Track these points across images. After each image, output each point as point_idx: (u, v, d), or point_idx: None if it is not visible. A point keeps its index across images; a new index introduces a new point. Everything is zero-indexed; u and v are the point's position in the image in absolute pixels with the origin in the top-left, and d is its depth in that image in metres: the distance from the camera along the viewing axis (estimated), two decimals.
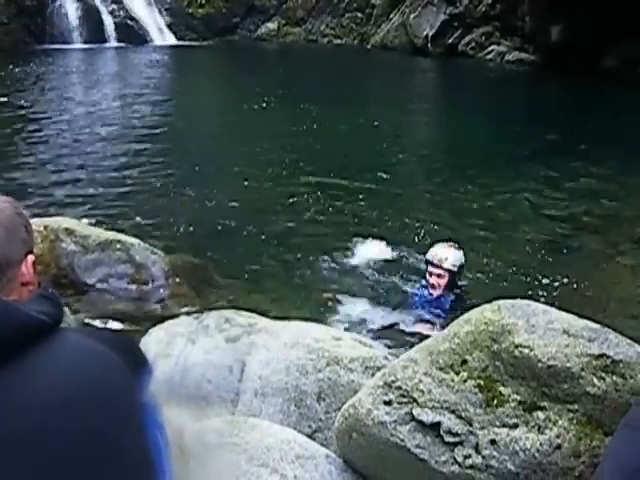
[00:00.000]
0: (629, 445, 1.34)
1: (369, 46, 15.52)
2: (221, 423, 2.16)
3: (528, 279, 4.53)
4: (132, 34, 17.47)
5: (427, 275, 3.93)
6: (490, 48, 13.81)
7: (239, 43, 17.09)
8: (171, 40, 18.05)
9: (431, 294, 3.91)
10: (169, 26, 18.15)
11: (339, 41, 16.10)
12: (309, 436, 2.37)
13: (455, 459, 1.83)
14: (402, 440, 1.88)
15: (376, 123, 9.02)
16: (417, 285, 4.26)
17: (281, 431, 2.21)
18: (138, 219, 5.49)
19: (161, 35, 18.14)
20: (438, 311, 3.87)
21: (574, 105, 10.24)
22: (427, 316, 3.88)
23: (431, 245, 4.02)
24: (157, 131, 8.69)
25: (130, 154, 7.68)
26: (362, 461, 2.05)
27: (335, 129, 8.67)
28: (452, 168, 7.36)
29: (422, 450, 1.86)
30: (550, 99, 10.74)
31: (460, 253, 3.89)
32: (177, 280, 4.21)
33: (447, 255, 3.85)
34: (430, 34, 14.08)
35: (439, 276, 3.86)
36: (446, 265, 3.83)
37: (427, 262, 3.92)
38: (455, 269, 3.86)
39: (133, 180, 6.68)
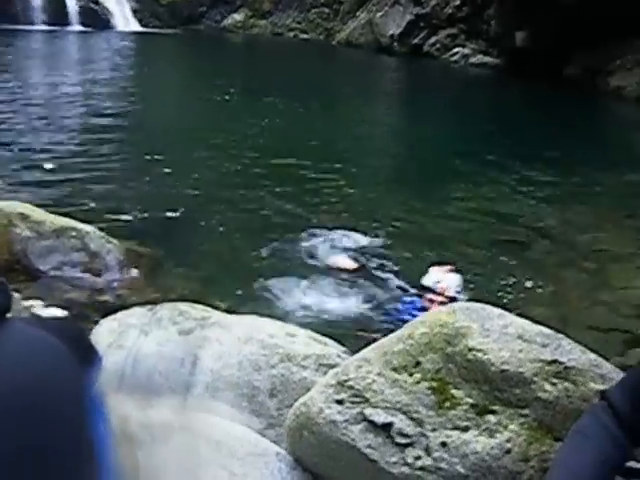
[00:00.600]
0: (579, 453, 1.35)
1: (335, 42, 15.53)
2: (170, 414, 2.12)
3: (486, 282, 4.56)
4: (96, 18, 17.20)
5: (425, 301, 3.74)
6: (455, 50, 13.92)
7: (204, 33, 16.95)
8: (135, 27, 17.81)
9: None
10: (134, 12, 17.91)
11: (305, 36, 16.07)
12: (260, 432, 2.34)
13: (405, 460, 1.82)
14: (353, 440, 1.87)
15: (339, 119, 9.02)
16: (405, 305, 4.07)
17: (231, 427, 2.19)
18: (94, 205, 5.40)
19: (125, 21, 17.89)
20: None
21: (536, 110, 10.37)
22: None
23: (427, 268, 3.84)
24: (116, 117, 8.57)
25: (87, 140, 7.56)
26: (312, 459, 2.03)
27: (298, 123, 8.66)
28: (414, 167, 7.40)
29: (373, 450, 1.85)
30: (512, 103, 10.86)
31: (459, 276, 3.75)
32: (132, 270, 4.15)
33: (449, 283, 3.71)
34: (396, 33, 14.12)
35: (441, 303, 3.62)
36: (450, 293, 3.69)
37: (425, 287, 3.72)
38: (458, 295, 3.71)
39: (90, 166, 6.56)
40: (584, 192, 6.71)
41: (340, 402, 1.91)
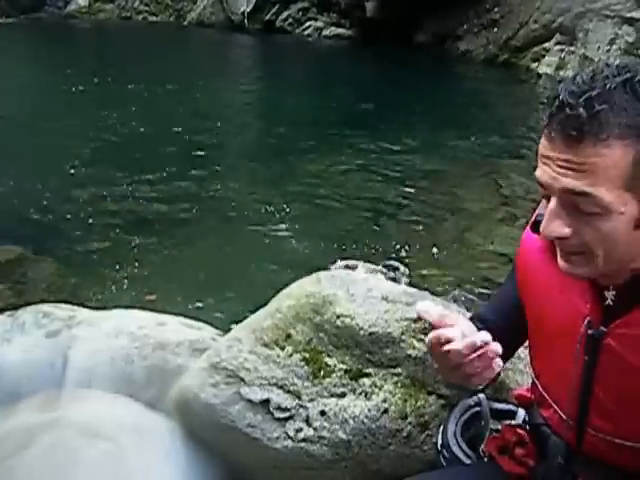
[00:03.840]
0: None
1: (186, 23, 15.18)
2: (36, 416, 2.02)
3: (355, 247, 4.64)
4: None
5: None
6: (307, 24, 13.94)
7: (47, 21, 16.15)
8: None
9: None
10: None
11: (154, 18, 15.61)
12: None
13: (287, 434, 1.83)
14: (233, 421, 1.86)
15: (198, 101, 8.85)
16: None
17: (108, 410, 2.11)
18: None
19: None
20: None
21: (390, 78, 10.57)
22: None
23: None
24: None
25: None
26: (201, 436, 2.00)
27: (156, 109, 8.42)
28: (278, 143, 7.37)
29: (253, 429, 1.84)
30: (366, 73, 11.03)
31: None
32: None
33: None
34: (247, 10, 14.00)
35: None
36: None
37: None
38: None
39: None
40: (442, 154, 6.91)
41: (215, 385, 1.88)
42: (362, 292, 1.76)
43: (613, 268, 1.13)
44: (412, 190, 5.94)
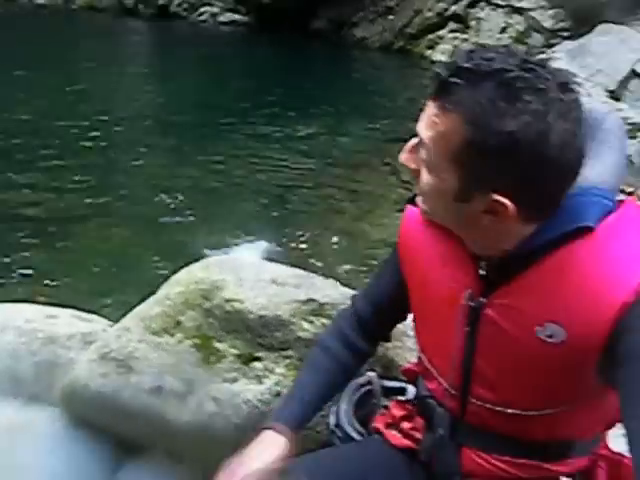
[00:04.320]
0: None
1: (75, 7, 14.66)
2: None
3: (254, 233, 4.64)
4: None
5: None
6: (202, 9, 13.73)
7: None
8: None
9: None
10: None
11: (41, 1, 15.00)
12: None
13: (182, 419, 1.80)
14: (124, 407, 1.83)
15: (87, 89, 8.57)
16: None
17: None
18: None
19: None
20: None
21: (286, 65, 10.58)
22: None
23: None
24: None
25: None
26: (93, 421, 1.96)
27: (42, 97, 8.07)
28: (172, 131, 7.24)
29: (146, 414, 1.82)
30: (263, 59, 10.97)
31: None
32: None
33: None
34: None
35: None
36: None
37: None
38: None
39: None
40: (342, 140, 6.98)
41: (104, 375, 1.84)
42: (251, 276, 1.76)
43: (462, 234, 1.21)
44: (312, 176, 5.99)
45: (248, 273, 1.77)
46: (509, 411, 1.24)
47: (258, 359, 1.75)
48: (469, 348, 1.25)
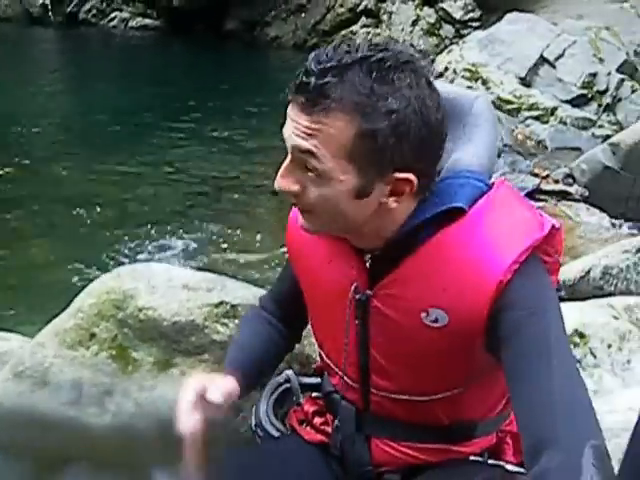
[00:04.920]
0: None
1: None
2: None
3: (173, 236, 4.61)
4: None
5: None
6: (112, 15, 13.48)
7: None
8: None
9: None
10: None
11: None
12: None
13: (102, 428, 1.79)
14: (41, 424, 1.81)
15: None
16: None
17: None
18: None
19: None
20: None
21: (200, 68, 10.50)
22: None
23: None
24: None
25: None
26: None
27: None
28: (84, 142, 7.10)
29: (65, 428, 1.80)
30: (177, 63, 10.90)
31: None
32: None
33: None
34: (47, 2, 13.35)
35: None
36: None
37: None
38: None
39: None
40: (262, 138, 6.97)
41: (20, 394, 1.82)
42: (162, 283, 1.76)
43: (353, 233, 1.21)
44: (229, 177, 5.98)
45: (159, 280, 1.77)
46: (408, 398, 1.27)
47: (175, 365, 1.76)
48: (362, 340, 1.28)
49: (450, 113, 1.20)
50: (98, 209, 5.19)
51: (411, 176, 1.12)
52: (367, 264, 1.24)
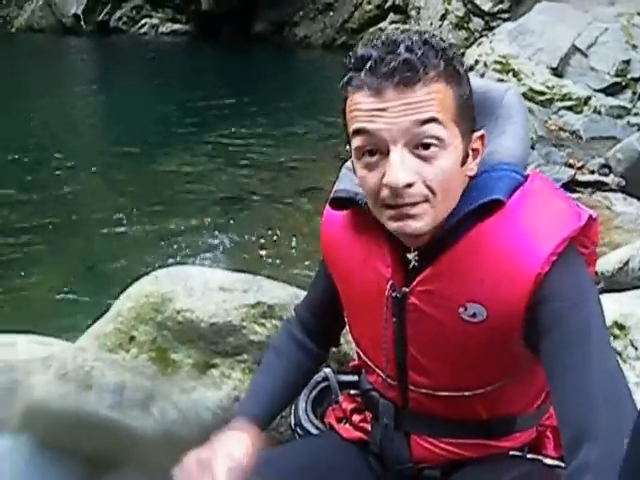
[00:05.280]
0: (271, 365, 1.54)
1: (14, 30, 14.49)
2: None
3: (199, 243, 4.65)
4: None
5: None
6: (143, 22, 13.69)
7: None
8: None
9: None
10: None
11: None
12: None
13: (144, 432, 1.82)
14: (86, 427, 1.83)
15: (32, 112, 8.45)
16: None
17: None
18: None
19: None
20: None
21: (231, 70, 10.57)
22: None
23: None
24: None
25: None
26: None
27: None
28: (121, 145, 7.19)
29: (108, 431, 1.83)
30: (208, 66, 10.98)
31: None
32: None
33: None
34: (78, 11, 13.56)
35: None
36: None
37: None
38: None
39: None
40: (292, 140, 7.01)
41: (63, 396, 1.85)
42: (199, 285, 1.78)
43: (444, 215, 1.18)
44: (264, 177, 6.01)
45: (196, 282, 1.79)
46: (447, 394, 1.27)
47: (214, 366, 1.78)
48: (400, 338, 1.27)
49: (481, 106, 1.21)
50: (135, 211, 5.25)
51: (482, 132, 1.18)
52: (412, 261, 1.23)
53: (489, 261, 1.16)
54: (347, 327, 1.48)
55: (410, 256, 1.23)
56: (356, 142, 1.13)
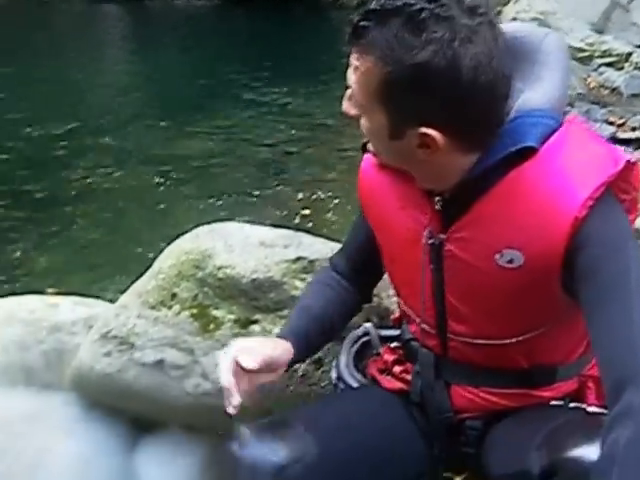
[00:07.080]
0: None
1: None
2: None
3: (239, 199, 4.68)
4: None
5: None
6: None
7: None
8: None
9: None
10: None
11: None
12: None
13: (186, 391, 1.84)
14: (130, 386, 1.87)
15: (70, 80, 8.51)
16: None
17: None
18: None
19: None
20: None
21: (264, 33, 10.51)
22: None
23: None
24: None
25: None
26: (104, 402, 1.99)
27: (30, 95, 8.01)
28: (158, 108, 7.22)
29: (152, 391, 1.86)
30: (240, 30, 10.92)
31: None
32: None
33: None
34: None
35: None
36: None
37: None
38: None
39: None
40: (330, 104, 6.96)
41: (107, 354, 1.88)
42: (239, 241, 1.79)
43: (414, 173, 1.24)
44: (304, 139, 6.00)
45: (236, 238, 1.80)
46: (486, 342, 1.27)
47: (256, 322, 1.79)
48: (438, 285, 1.28)
49: (520, 52, 1.19)
50: (175, 171, 5.29)
51: (434, 133, 1.11)
52: (437, 207, 1.23)
53: (524, 207, 1.15)
54: (388, 279, 1.49)
55: (435, 201, 1.23)
56: None
